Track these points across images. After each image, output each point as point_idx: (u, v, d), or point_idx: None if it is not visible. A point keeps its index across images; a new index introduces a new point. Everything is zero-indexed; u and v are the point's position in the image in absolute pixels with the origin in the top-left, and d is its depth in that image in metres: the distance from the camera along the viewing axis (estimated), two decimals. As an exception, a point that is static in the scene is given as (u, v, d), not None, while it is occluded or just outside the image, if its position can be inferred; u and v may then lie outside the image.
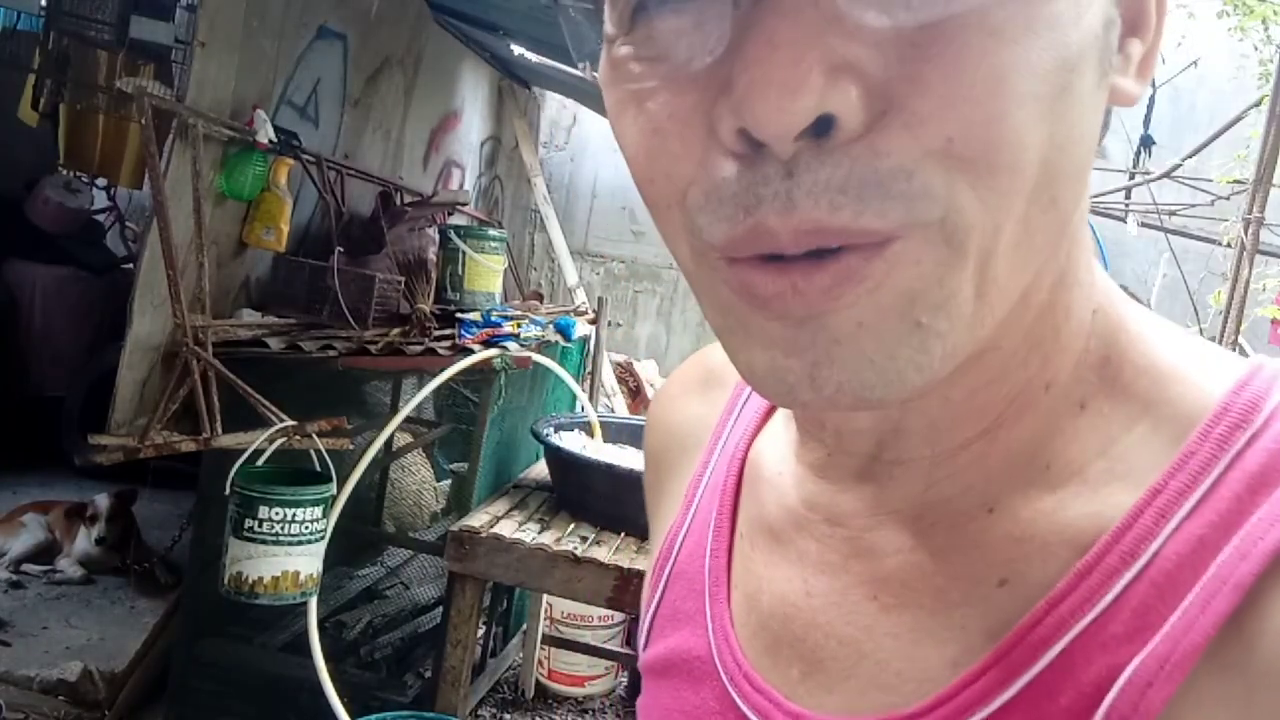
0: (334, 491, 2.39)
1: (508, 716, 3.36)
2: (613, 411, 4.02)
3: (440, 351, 2.87)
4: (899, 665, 0.39)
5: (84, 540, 3.64)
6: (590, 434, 2.74)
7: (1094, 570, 0.35)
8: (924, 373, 0.33)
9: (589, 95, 4.70)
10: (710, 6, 0.31)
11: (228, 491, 2.30)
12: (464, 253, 3.45)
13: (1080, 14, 0.32)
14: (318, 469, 2.42)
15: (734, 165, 0.32)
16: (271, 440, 2.39)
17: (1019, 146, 0.31)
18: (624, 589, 2.19)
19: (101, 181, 4.91)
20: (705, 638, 0.47)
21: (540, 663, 3.51)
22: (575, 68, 0.39)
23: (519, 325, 3.15)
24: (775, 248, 0.32)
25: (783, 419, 0.48)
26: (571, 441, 2.63)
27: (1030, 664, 0.35)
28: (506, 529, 2.35)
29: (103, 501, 3.66)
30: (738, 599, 0.46)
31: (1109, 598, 0.34)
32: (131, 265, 3.98)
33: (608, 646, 3.52)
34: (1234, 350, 2.17)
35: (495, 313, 3.30)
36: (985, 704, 0.35)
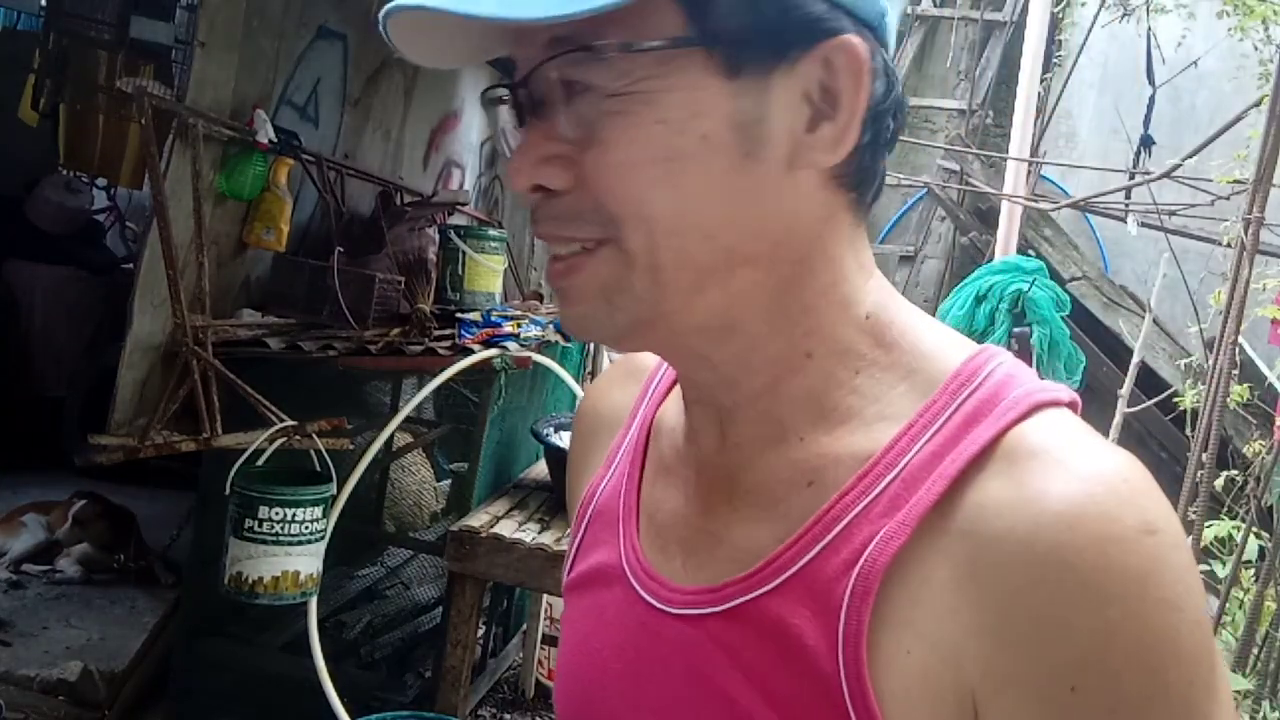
0: (334, 491, 2.39)
1: (508, 716, 3.36)
2: (613, 411, 4.01)
3: (440, 351, 2.87)
4: (745, 545, 0.56)
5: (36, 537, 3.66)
6: (590, 434, 2.74)
7: (869, 474, 0.53)
8: (614, 329, 0.56)
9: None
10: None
11: (228, 491, 2.30)
12: (464, 253, 3.45)
13: (683, 130, 0.51)
14: (318, 469, 2.42)
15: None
16: (271, 440, 2.39)
17: (640, 205, 0.52)
18: (624, 589, 2.18)
19: (101, 181, 4.91)
20: (618, 552, 0.64)
21: (540, 663, 3.51)
22: None
23: (519, 325, 3.15)
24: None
25: (678, 390, 0.66)
26: (571, 441, 2.62)
27: (826, 534, 0.53)
28: (506, 529, 2.35)
29: (73, 509, 3.66)
30: (643, 521, 0.64)
31: (876, 491, 0.52)
32: (131, 265, 3.98)
33: (608, 646, 3.52)
34: (1234, 349, 2.16)
35: (495, 313, 3.30)
36: (797, 562, 0.53)
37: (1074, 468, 0.48)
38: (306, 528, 2.30)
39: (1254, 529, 2.42)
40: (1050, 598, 0.46)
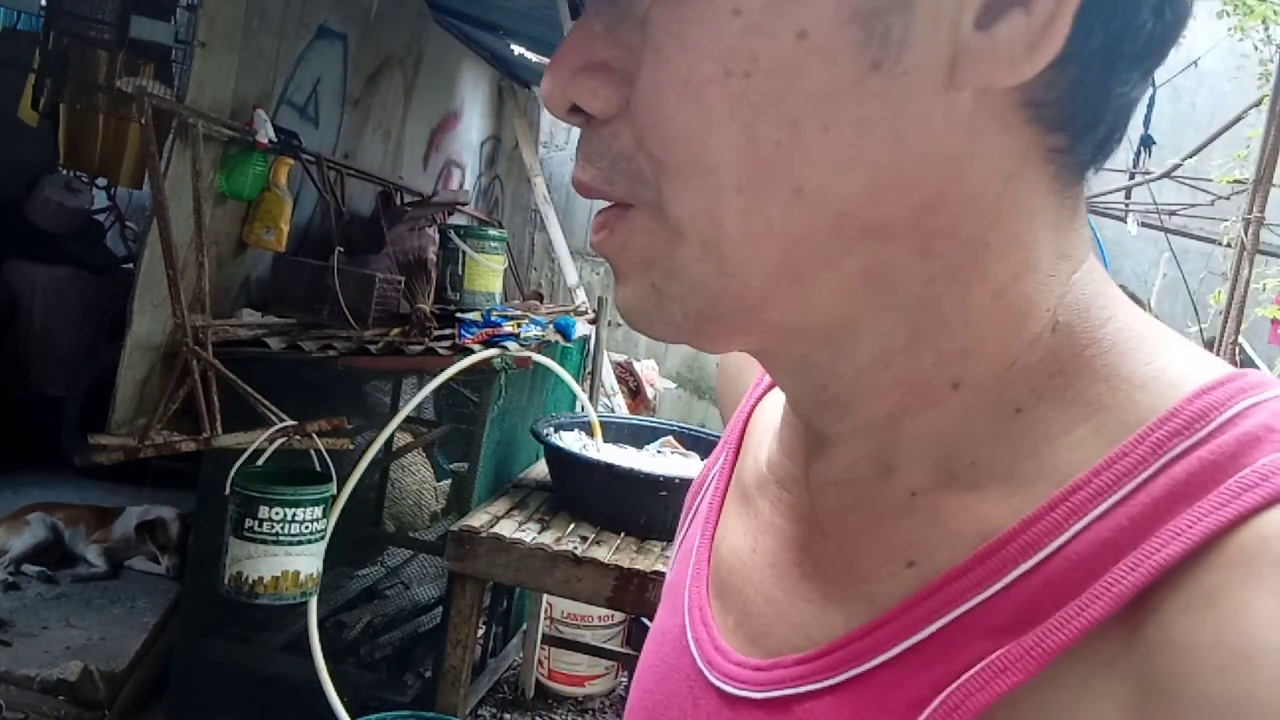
0: (334, 491, 2.39)
1: (508, 716, 3.36)
2: (613, 411, 4.02)
3: (440, 351, 2.87)
4: (810, 629, 0.40)
5: (142, 559, 3.70)
6: (590, 434, 2.74)
7: (992, 557, 0.34)
8: (671, 327, 0.38)
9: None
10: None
11: (228, 491, 2.30)
12: (464, 253, 3.45)
13: (768, 24, 0.32)
14: (318, 469, 2.42)
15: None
16: (271, 440, 2.39)
17: (695, 146, 0.34)
18: (624, 589, 2.19)
19: (101, 181, 4.90)
20: (685, 575, 0.51)
21: (540, 663, 3.51)
22: None
23: (519, 325, 3.15)
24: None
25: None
26: (571, 441, 2.63)
27: (912, 633, 0.35)
28: (506, 529, 2.34)
29: (174, 527, 3.67)
30: (714, 549, 0.50)
31: (999, 585, 0.34)
32: (131, 265, 3.97)
33: (608, 646, 3.52)
34: (1234, 349, 2.16)
35: (495, 313, 3.30)
36: (864, 662, 0.37)
37: None
38: (306, 528, 2.30)
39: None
40: None
